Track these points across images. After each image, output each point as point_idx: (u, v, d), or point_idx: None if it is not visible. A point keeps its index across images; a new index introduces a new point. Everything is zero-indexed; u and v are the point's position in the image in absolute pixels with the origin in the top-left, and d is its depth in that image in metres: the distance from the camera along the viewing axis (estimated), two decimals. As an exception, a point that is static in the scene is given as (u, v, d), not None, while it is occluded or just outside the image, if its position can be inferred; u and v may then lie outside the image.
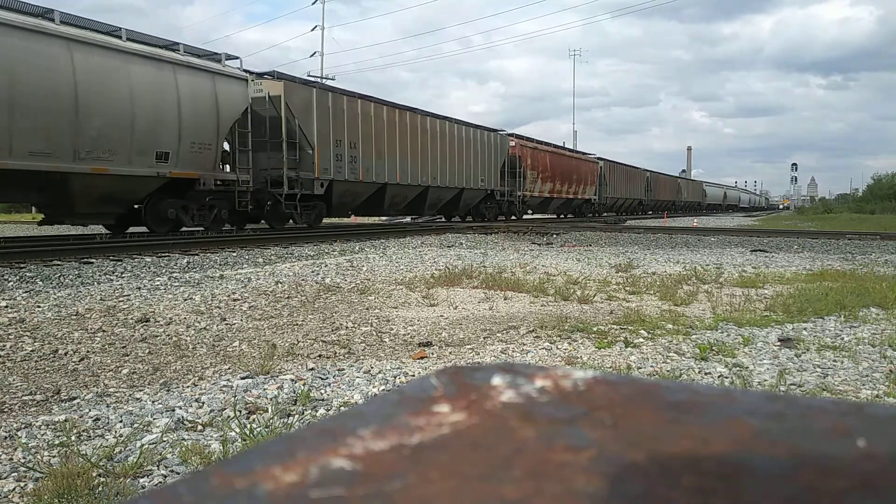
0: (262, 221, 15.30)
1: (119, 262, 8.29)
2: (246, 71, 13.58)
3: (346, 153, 15.74)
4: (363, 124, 16.53)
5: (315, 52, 41.65)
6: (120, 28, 11.20)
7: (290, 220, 15.18)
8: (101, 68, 10.38)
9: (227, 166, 13.47)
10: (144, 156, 11.08)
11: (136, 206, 11.94)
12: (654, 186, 48.55)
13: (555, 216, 31.51)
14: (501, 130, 25.51)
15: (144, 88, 10.99)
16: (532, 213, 29.41)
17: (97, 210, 11.09)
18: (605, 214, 35.51)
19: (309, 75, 16.20)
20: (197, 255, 9.56)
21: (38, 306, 5.09)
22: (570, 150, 35.54)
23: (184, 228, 12.59)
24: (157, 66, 11.32)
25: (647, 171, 48.55)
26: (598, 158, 36.45)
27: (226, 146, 13.38)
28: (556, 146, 31.56)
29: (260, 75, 14.52)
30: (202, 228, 12.73)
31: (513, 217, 25.67)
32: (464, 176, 21.62)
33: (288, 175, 14.20)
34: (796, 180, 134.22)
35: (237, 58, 13.52)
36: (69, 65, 9.88)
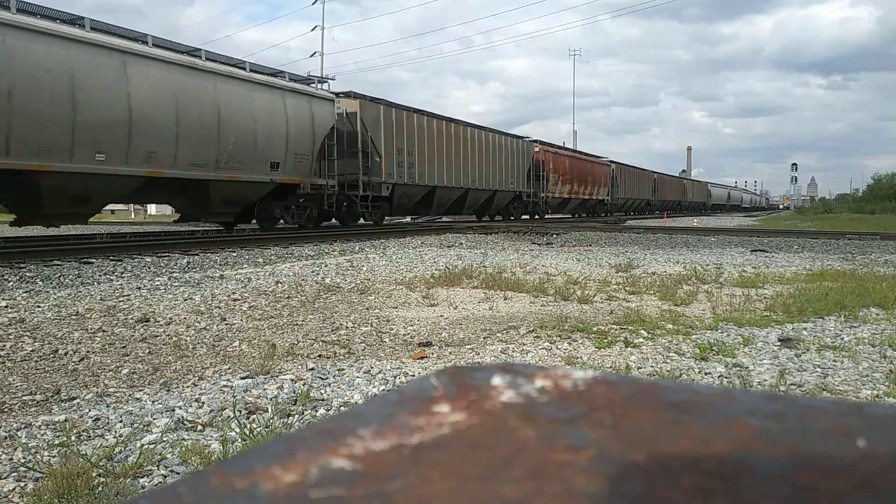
0: (333, 220, 17.86)
1: (119, 262, 8.29)
2: (333, 93, 16.58)
3: (405, 160, 18.87)
4: (417, 135, 19.58)
5: (315, 52, 41.61)
6: (245, 61, 14.17)
7: (361, 219, 18.03)
8: (234, 95, 13.16)
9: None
10: (263, 165, 13.93)
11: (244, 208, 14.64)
12: (660, 187, 50.94)
13: (570, 216, 33.43)
14: (526, 137, 28.49)
15: (263, 111, 13.82)
16: (551, 213, 31.47)
17: (225, 210, 13.75)
18: (616, 214, 37.93)
19: (309, 75, 16.35)
20: (197, 255, 9.56)
21: (38, 306, 5.09)
22: (585, 154, 37.49)
23: (280, 224, 15.59)
24: (272, 92, 14.21)
25: (655, 172, 50.96)
26: (610, 162, 38.53)
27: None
28: (573, 150, 35.08)
29: (337, 95, 17.03)
30: (296, 225, 15.69)
31: (536, 216, 28.52)
32: (497, 179, 24.58)
33: (363, 179, 17.12)
34: (796, 180, 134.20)
35: (327, 80, 16.60)
36: (214, 93, 12.64)
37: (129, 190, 11.60)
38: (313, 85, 15.79)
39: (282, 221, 15.45)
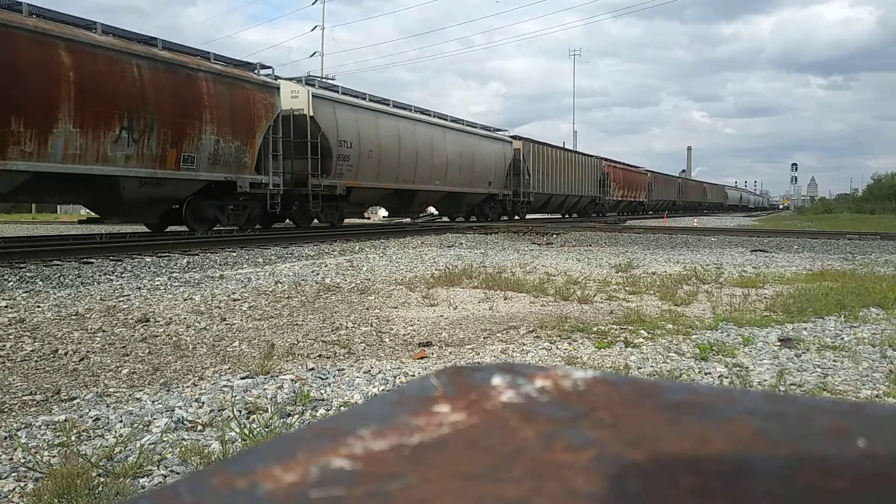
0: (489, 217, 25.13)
1: (119, 262, 8.29)
2: (511, 136, 27.03)
3: (541, 178, 28.70)
4: (547, 161, 29.18)
5: (315, 52, 41.63)
6: (476, 123, 24.53)
7: (505, 217, 26.47)
8: (480, 145, 23.77)
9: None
10: (484, 183, 24.04)
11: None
12: (684, 190, 61.91)
13: (616, 214, 40.31)
14: (594, 155, 35.86)
15: (486, 151, 24.27)
16: (609, 211, 39.03)
17: (464, 209, 24.76)
18: (651, 213, 46.50)
19: (309, 75, 16.35)
20: (197, 255, 9.56)
21: (38, 306, 5.09)
22: (631, 165, 45.71)
23: (472, 220, 23.74)
24: (491, 141, 25.03)
25: (679, 177, 63.95)
26: (647, 171, 48.33)
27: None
28: (625, 164, 43.51)
29: (513, 137, 27.01)
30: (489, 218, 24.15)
31: (599, 214, 35.69)
32: (578, 187, 33.67)
33: (522, 190, 26.76)
34: (796, 180, 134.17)
35: (505, 130, 27.04)
36: (470, 144, 22.99)
37: (437, 199, 22.47)
38: (500, 132, 26.31)
39: (491, 216, 24.98)
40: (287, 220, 17.05)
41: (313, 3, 43.81)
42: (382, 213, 27.16)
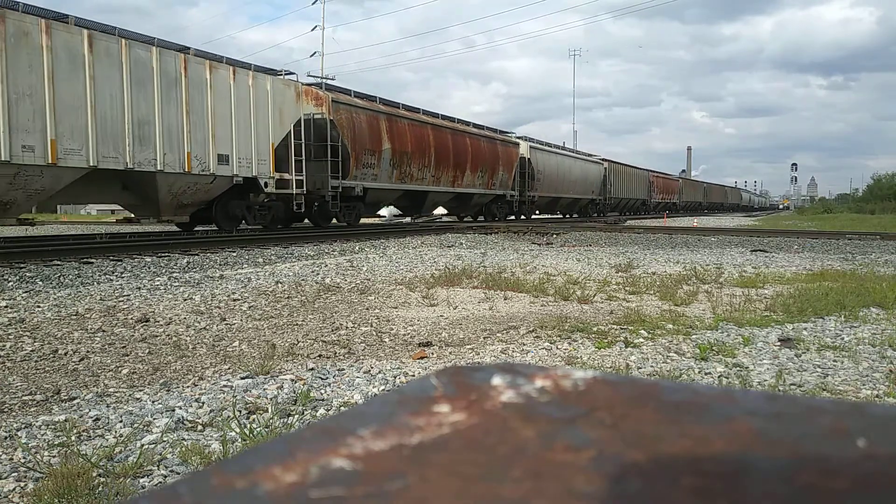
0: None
1: (119, 262, 8.29)
2: (601, 159, 35.70)
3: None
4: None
5: (315, 52, 41.63)
6: (580, 151, 36.39)
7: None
8: (585, 167, 33.96)
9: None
10: (587, 193, 33.62)
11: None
12: (709, 193, 74.63)
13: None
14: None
15: (585, 170, 33.24)
16: (654, 213, 45.23)
17: (573, 209, 34.26)
18: (681, 211, 54.84)
19: (309, 75, 16.62)
20: (197, 255, 9.56)
21: (38, 306, 5.09)
22: (668, 174, 55.42)
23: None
24: (589, 162, 34.15)
25: (704, 182, 77.55)
26: (678, 178, 58.75)
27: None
28: (665, 174, 53.43)
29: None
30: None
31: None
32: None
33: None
34: (796, 180, 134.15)
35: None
36: (582, 167, 33.36)
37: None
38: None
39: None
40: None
41: (313, 3, 43.79)
42: (384, 212, 27.81)
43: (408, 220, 24.33)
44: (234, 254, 9.86)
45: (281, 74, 15.02)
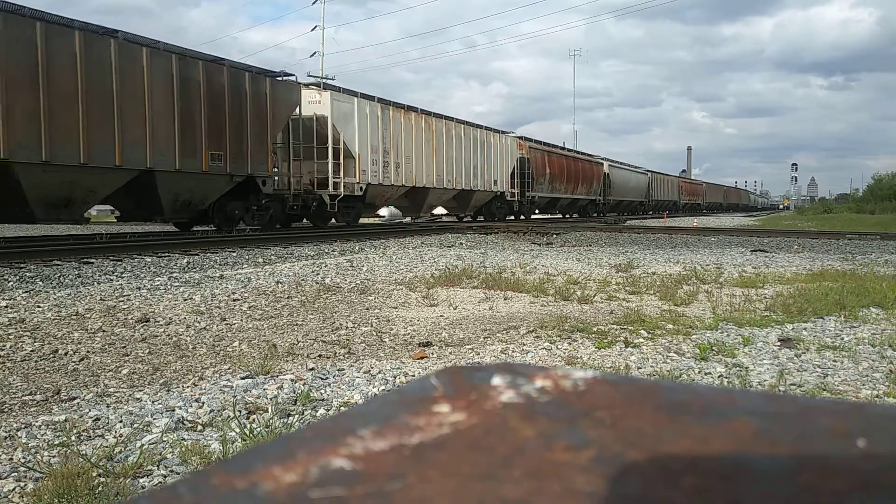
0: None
1: (119, 262, 8.29)
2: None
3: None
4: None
5: (315, 53, 41.62)
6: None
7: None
8: (620, 173, 41.28)
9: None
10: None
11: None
12: (728, 195, 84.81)
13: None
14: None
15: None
16: (680, 213, 50.95)
17: (622, 209, 42.03)
18: (651, 213, 56.05)
19: (309, 75, 16.61)
20: (197, 255, 9.56)
21: (38, 306, 5.09)
22: (694, 179, 61.01)
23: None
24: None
25: (724, 185, 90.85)
26: (702, 182, 65.41)
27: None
28: (692, 179, 55.82)
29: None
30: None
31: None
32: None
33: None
34: (796, 180, 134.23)
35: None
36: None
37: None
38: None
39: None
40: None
41: (313, 3, 43.77)
42: (384, 212, 27.98)
43: (408, 219, 24.35)
44: (234, 254, 9.86)
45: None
